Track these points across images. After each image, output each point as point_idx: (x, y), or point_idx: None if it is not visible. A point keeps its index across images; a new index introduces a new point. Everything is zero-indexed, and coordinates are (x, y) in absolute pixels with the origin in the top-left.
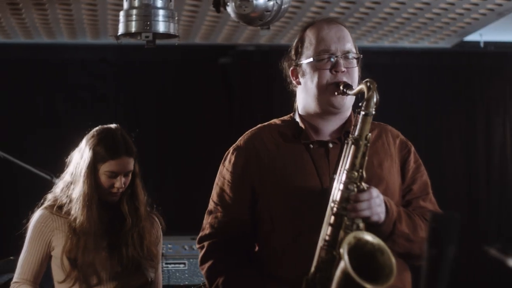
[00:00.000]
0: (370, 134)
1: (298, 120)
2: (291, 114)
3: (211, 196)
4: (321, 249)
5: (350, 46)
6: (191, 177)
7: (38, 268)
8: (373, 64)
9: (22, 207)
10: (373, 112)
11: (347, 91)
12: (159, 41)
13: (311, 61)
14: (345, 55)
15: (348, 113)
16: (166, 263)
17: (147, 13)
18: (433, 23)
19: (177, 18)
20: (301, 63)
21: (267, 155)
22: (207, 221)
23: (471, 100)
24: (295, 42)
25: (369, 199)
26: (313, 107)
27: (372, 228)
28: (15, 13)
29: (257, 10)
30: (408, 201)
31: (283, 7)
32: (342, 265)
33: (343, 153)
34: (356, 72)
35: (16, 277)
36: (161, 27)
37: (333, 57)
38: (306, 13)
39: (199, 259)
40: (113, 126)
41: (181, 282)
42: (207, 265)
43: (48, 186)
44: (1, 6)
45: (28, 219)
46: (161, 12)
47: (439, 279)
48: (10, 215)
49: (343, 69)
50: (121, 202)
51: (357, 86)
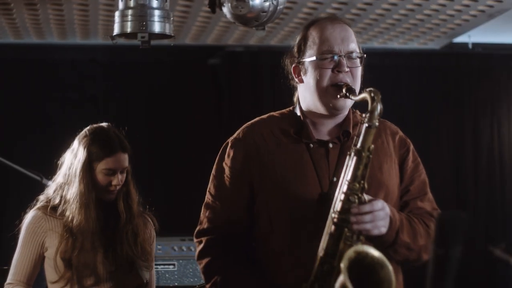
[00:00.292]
0: (373, 146)
1: (299, 114)
2: (290, 108)
3: (208, 188)
4: (321, 259)
5: (354, 46)
6: (180, 178)
7: (31, 269)
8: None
9: (11, 208)
10: (377, 124)
11: (350, 96)
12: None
13: (313, 59)
14: (349, 55)
15: (347, 112)
16: (155, 264)
17: (142, 13)
18: (424, 25)
19: (172, 18)
20: (303, 61)
21: (267, 153)
22: (205, 215)
23: (459, 101)
24: (298, 39)
25: (371, 212)
26: (315, 106)
27: (374, 237)
28: (6, 13)
29: (253, 10)
30: (405, 201)
31: (278, 7)
32: (341, 279)
33: (345, 163)
34: (359, 72)
35: (9, 279)
36: (157, 28)
37: (336, 56)
38: (297, 14)
39: (196, 254)
40: (104, 124)
41: (170, 283)
42: (205, 262)
43: (37, 187)
44: None
45: (20, 220)
46: (157, 12)
47: (446, 280)
48: None
49: (346, 69)
50: (117, 199)
51: (359, 88)
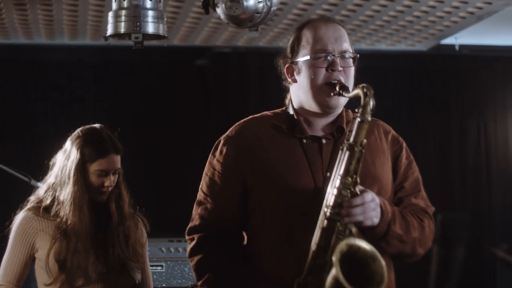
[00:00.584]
0: (365, 140)
1: (292, 113)
2: (283, 108)
3: (200, 186)
4: (313, 253)
5: (347, 45)
6: (168, 179)
7: (21, 270)
8: None
9: None
10: (369, 119)
11: (343, 93)
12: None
13: (307, 59)
14: (342, 54)
15: (340, 110)
16: None
17: (136, 14)
18: (412, 26)
19: (166, 19)
20: (297, 61)
21: (260, 148)
22: (196, 212)
23: (446, 102)
24: (291, 40)
25: (363, 204)
26: (308, 105)
27: (366, 229)
28: None
29: (247, 11)
30: (399, 198)
31: (272, 8)
32: (333, 272)
33: (338, 158)
34: (352, 71)
35: None
36: (151, 28)
37: (330, 55)
38: (287, 15)
39: (188, 251)
40: (97, 125)
41: (158, 284)
42: (197, 259)
43: (26, 188)
44: None
45: (10, 221)
46: (151, 13)
47: (449, 280)
48: None
49: (340, 68)
50: (109, 201)
51: (353, 86)
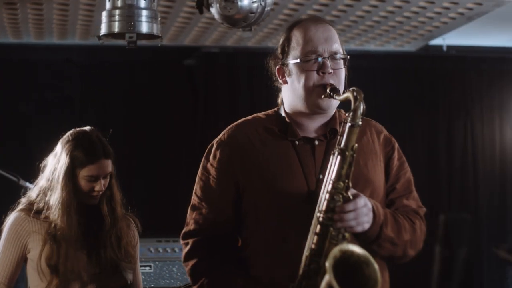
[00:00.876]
0: (356, 145)
1: (284, 115)
2: (275, 109)
3: (194, 190)
4: (307, 258)
5: (337, 46)
6: (157, 179)
7: (13, 270)
8: None
9: None
10: (360, 123)
11: (334, 96)
12: (124, 43)
13: (298, 62)
14: (332, 56)
15: (333, 112)
16: None
17: (130, 14)
18: (402, 27)
19: (159, 19)
20: (287, 62)
21: (252, 151)
22: (191, 216)
23: (434, 103)
24: (282, 41)
25: (355, 209)
26: (300, 107)
27: (358, 233)
28: None
29: (242, 11)
30: (391, 199)
31: (266, 9)
32: (327, 278)
33: (329, 163)
34: (343, 73)
35: None
36: (144, 28)
37: (320, 58)
38: (277, 15)
39: (182, 256)
40: (87, 128)
41: (147, 284)
42: (192, 263)
43: (15, 188)
44: None
45: (1, 222)
46: (145, 12)
47: (451, 280)
48: None
49: (330, 71)
50: (101, 203)
51: (343, 88)
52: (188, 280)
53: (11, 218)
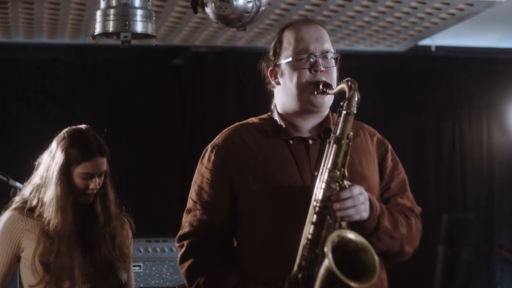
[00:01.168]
0: (351, 133)
1: (277, 118)
2: (269, 113)
3: (190, 194)
4: (304, 248)
5: (328, 45)
6: (145, 179)
7: (6, 270)
8: None
9: None
10: (355, 111)
11: (327, 91)
12: (114, 42)
13: (290, 61)
14: (324, 54)
15: (326, 111)
16: None
17: (125, 13)
18: (392, 27)
19: (154, 18)
20: (280, 63)
21: (247, 152)
22: (186, 219)
23: (422, 103)
24: (273, 43)
25: (351, 197)
26: (293, 106)
27: (357, 224)
28: None
29: (237, 11)
30: (386, 198)
31: (261, 8)
32: (326, 264)
33: (325, 152)
34: (334, 71)
35: None
36: (139, 27)
37: (312, 56)
38: (269, 15)
39: (178, 258)
40: (83, 126)
41: (136, 285)
42: (187, 265)
43: (4, 187)
44: None
45: None
46: (139, 12)
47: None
48: None
49: (322, 69)
50: (95, 202)
51: (336, 85)
52: (179, 281)
53: (4, 217)
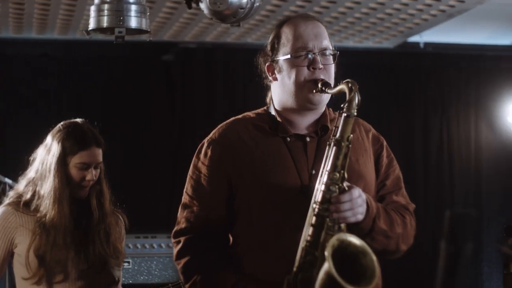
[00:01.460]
0: (351, 135)
1: (274, 113)
2: (264, 107)
3: (185, 189)
4: (303, 250)
5: (327, 43)
6: (134, 174)
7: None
8: None
9: None
10: (355, 113)
11: (326, 90)
12: (104, 37)
13: (288, 57)
14: (322, 52)
15: (323, 108)
16: None
17: (119, 8)
18: (382, 23)
19: (148, 13)
20: (277, 59)
21: (244, 148)
22: (182, 215)
23: (410, 100)
24: (271, 38)
25: (351, 200)
26: (290, 103)
27: (352, 225)
28: None
29: (232, 7)
30: (381, 196)
31: (255, 4)
32: (326, 268)
33: (325, 154)
34: (332, 68)
35: None
36: (134, 23)
37: (310, 54)
38: (259, 11)
39: (174, 254)
40: (78, 120)
41: (125, 281)
42: (184, 261)
43: None
44: None
45: None
46: (134, 7)
47: (456, 276)
48: None
49: (321, 66)
50: (90, 197)
51: (333, 82)
52: (168, 277)
53: None
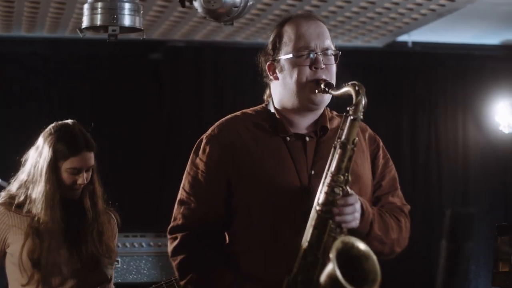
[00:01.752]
0: (357, 138)
1: (273, 112)
2: (263, 105)
3: (182, 185)
4: (304, 251)
5: (329, 42)
6: (123, 174)
7: None
8: None
9: None
10: (361, 117)
11: (330, 91)
12: (93, 36)
13: (290, 57)
14: (324, 51)
15: (323, 109)
16: None
17: (113, 6)
18: (372, 23)
19: (142, 12)
20: (279, 58)
21: (243, 147)
22: (179, 211)
23: (399, 99)
24: (273, 37)
25: (353, 204)
26: (291, 102)
27: (349, 230)
28: None
29: (225, 6)
30: (377, 197)
31: (249, 3)
32: (329, 270)
33: (330, 156)
34: (334, 68)
35: None
36: (127, 21)
37: (312, 53)
38: (250, 10)
39: (170, 251)
40: (69, 121)
41: (114, 280)
42: (180, 258)
43: None
44: None
45: None
46: (127, 5)
47: (456, 274)
48: None
49: (323, 66)
50: (83, 197)
51: (335, 83)
52: (157, 276)
53: None
